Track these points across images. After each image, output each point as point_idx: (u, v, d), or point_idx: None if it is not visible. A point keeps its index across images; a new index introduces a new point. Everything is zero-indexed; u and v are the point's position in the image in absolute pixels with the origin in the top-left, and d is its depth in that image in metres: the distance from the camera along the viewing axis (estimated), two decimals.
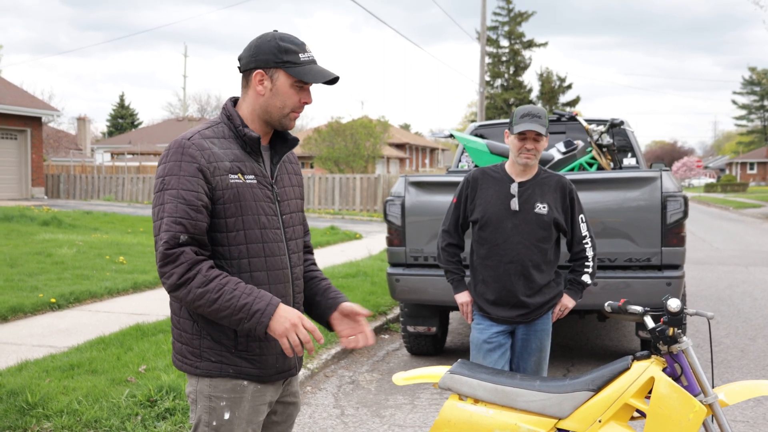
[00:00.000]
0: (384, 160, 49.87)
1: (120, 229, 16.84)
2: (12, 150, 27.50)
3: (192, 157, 2.36)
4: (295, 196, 2.65)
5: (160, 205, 2.36)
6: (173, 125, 57.59)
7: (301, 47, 2.47)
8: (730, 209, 35.32)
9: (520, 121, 3.85)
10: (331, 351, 6.85)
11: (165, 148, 2.45)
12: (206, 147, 2.40)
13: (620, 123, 7.16)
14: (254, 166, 2.48)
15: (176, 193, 2.33)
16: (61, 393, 5.05)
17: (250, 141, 2.46)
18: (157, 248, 2.34)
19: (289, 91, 2.46)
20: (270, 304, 2.32)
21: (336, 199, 26.90)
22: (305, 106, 2.52)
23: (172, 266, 2.30)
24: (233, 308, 2.30)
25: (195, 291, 2.29)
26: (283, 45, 2.44)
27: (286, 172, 2.63)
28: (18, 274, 9.73)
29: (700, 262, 14.22)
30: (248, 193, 2.43)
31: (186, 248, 2.31)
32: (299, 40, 2.50)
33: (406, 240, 6.35)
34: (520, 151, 3.89)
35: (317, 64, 2.50)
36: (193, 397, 2.50)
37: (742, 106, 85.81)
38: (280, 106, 2.47)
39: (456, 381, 3.32)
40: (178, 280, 2.30)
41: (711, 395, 3.07)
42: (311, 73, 2.45)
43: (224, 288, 2.30)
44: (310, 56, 2.48)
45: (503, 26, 53.88)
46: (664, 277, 5.78)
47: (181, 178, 2.34)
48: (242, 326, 2.32)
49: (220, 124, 2.50)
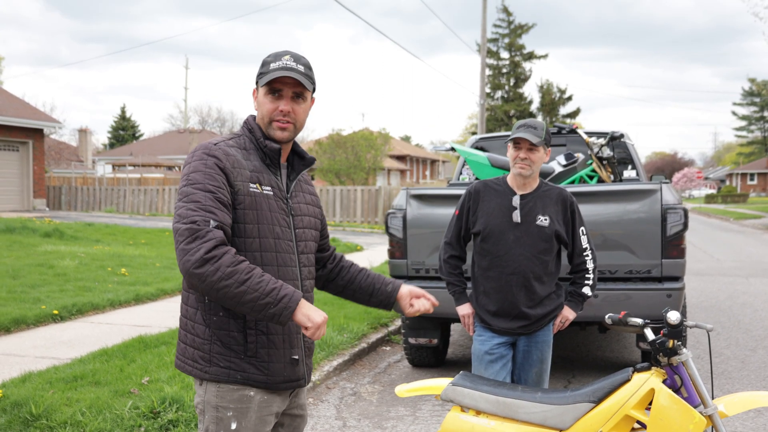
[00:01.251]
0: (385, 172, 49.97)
1: (122, 240, 16.87)
2: (14, 162, 27.57)
3: (217, 158, 2.43)
4: (309, 214, 2.72)
5: (185, 197, 2.38)
6: (174, 137, 57.73)
7: (278, 57, 2.54)
8: (731, 220, 35.33)
9: (516, 131, 3.93)
10: (333, 363, 6.87)
11: (189, 153, 2.51)
12: (231, 153, 2.48)
13: (620, 136, 7.21)
14: (271, 179, 2.55)
15: (203, 187, 2.38)
16: (65, 404, 5.07)
17: (270, 152, 2.55)
18: (178, 230, 2.32)
19: (263, 101, 2.56)
20: (296, 292, 2.36)
21: (337, 211, 26.94)
22: (284, 114, 2.54)
23: (200, 241, 2.29)
24: (262, 292, 2.30)
25: (224, 269, 2.27)
26: (265, 59, 2.56)
27: (301, 191, 2.72)
28: (20, 286, 9.75)
29: (701, 273, 14.24)
30: (265, 203, 2.50)
31: (216, 231, 2.33)
32: (285, 52, 2.56)
33: (407, 252, 6.38)
34: (515, 161, 3.95)
35: (287, 70, 2.51)
36: (201, 407, 2.53)
37: (742, 117, 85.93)
38: (261, 116, 2.59)
39: (458, 393, 3.35)
40: (205, 254, 2.27)
41: (711, 406, 3.10)
42: (268, 76, 2.51)
43: (254, 271, 2.32)
44: (282, 64, 2.52)
45: (503, 38, 54.04)
46: (664, 289, 5.81)
47: (206, 174, 2.40)
48: (266, 311, 2.31)
49: (241, 137, 2.60)
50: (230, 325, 2.47)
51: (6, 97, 29.08)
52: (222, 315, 2.47)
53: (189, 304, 2.54)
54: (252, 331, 2.47)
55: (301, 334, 2.61)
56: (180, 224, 2.33)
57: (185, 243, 2.29)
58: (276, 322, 2.36)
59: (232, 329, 2.46)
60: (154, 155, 51.17)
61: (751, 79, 79.61)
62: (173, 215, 2.41)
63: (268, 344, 2.50)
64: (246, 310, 2.33)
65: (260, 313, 2.33)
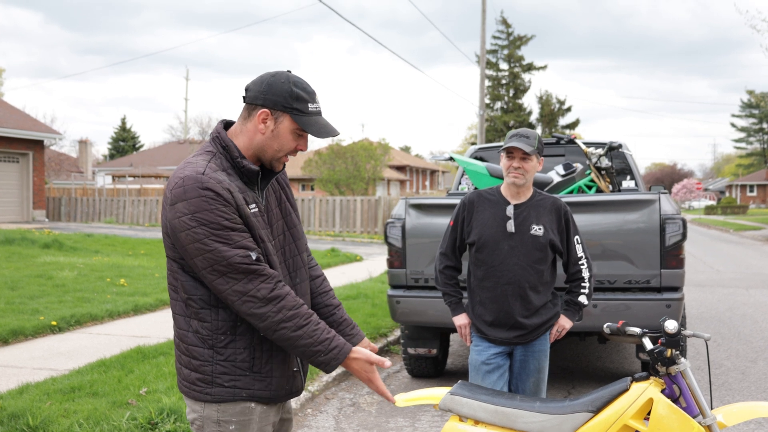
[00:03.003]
0: (384, 183, 50.01)
1: (121, 251, 16.86)
2: (14, 173, 27.59)
3: (215, 192, 2.33)
4: (283, 215, 2.64)
5: (201, 239, 2.32)
6: (174, 148, 57.81)
7: (312, 96, 2.47)
8: (731, 231, 35.33)
9: (509, 141, 3.94)
10: (332, 373, 6.85)
11: (176, 186, 2.37)
12: (222, 179, 2.38)
13: (619, 146, 7.21)
14: (254, 196, 2.50)
15: (218, 225, 2.32)
16: (62, 416, 5.05)
17: (248, 173, 2.47)
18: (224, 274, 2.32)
19: (288, 137, 2.47)
20: (346, 345, 2.44)
21: (337, 222, 26.94)
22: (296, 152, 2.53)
23: (258, 280, 2.33)
24: (316, 339, 2.38)
25: (286, 312, 2.34)
26: (296, 91, 2.43)
27: (270, 193, 2.63)
28: (19, 297, 9.74)
29: (701, 285, 14.23)
30: (254, 223, 2.45)
31: (263, 265, 2.36)
32: (311, 88, 2.50)
33: (406, 262, 6.38)
34: (508, 170, 3.95)
35: (322, 117, 2.52)
36: (199, 423, 2.48)
37: (741, 129, 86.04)
38: (276, 148, 2.48)
39: (456, 402, 3.34)
40: (269, 293, 2.33)
41: (709, 416, 3.09)
42: (317, 126, 2.47)
43: (311, 318, 2.40)
44: (317, 107, 2.49)
45: (503, 49, 54.18)
46: (663, 299, 5.80)
47: (213, 212, 2.32)
48: (315, 358, 2.40)
49: (217, 155, 2.46)
50: (237, 344, 2.44)
51: (6, 108, 29.13)
52: (229, 334, 2.43)
53: (181, 326, 2.48)
54: (258, 347, 2.46)
55: None
56: (220, 266, 2.31)
57: (242, 284, 2.33)
58: (321, 369, 2.44)
59: (239, 347, 2.44)
60: (154, 166, 51.23)
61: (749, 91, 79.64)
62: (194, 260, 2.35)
63: (271, 359, 2.48)
64: (295, 351, 2.42)
65: (309, 358, 2.42)
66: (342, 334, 2.75)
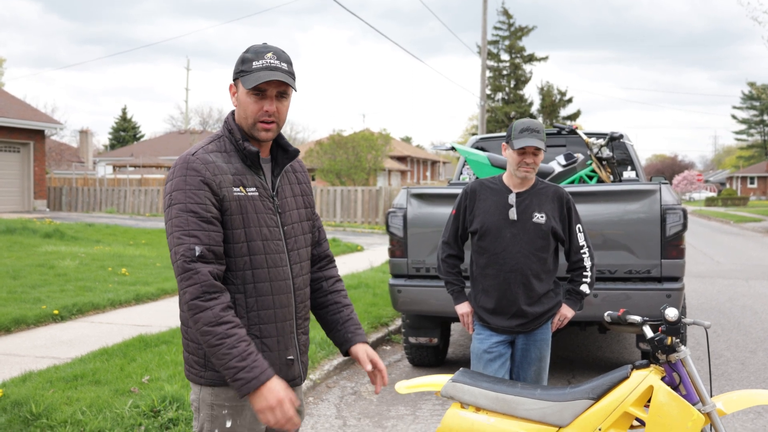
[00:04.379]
0: (385, 173, 49.99)
1: (122, 241, 16.88)
2: (15, 163, 27.60)
3: (197, 171, 2.39)
4: (297, 206, 2.66)
5: (169, 220, 2.39)
6: (175, 138, 57.75)
7: (259, 55, 2.45)
8: (731, 223, 35.33)
9: (520, 136, 3.91)
10: (333, 362, 6.88)
11: (172, 165, 2.48)
12: (210, 161, 2.43)
13: (620, 136, 7.22)
14: (255, 179, 2.51)
15: (184, 207, 2.36)
16: (65, 403, 5.08)
17: (250, 155, 2.49)
18: (173, 262, 2.37)
19: (247, 100, 2.47)
20: (256, 379, 2.30)
21: (338, 212, 26.95)
22: (269, 115, 2.47)
23: (186, 283, 2.33)
24: (223, 365, 2.31)
25: (201, 327, 2.31)
26: (245, 55, 2.47)
27: (288, 183, 2.65)
28: (21, 286, 9.77)
29: (701, 276, 14.25)
30: (250, 206, 2.46)
31: (201, 266, 2.33)
32: (266, 48, 2.48)
33: (408, 251, 6.40)
34: (519, 165, 3.95)
35: (271, 70, 2.44)
36: (196, 405, 2.53)
37: (742, 121, 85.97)
38: (243, 116, 2.50)
39: (458, 389, 3.37)
40: (191, 300, 2.32)
41: (709, 404, 3.11)
42: (254, 77, 2.43)
43: (225, 341, 2.30)
44: (265, 63, 2.44)
45: (504, 40, 54.05)
46: (663, 289, 5.82)
47: (187, 192, 2.37)
48: (233, 382, 2.33)
49: (222, 138, 2.53)
50: None
51: (7, 98, 29.12)
52: None
53: (183, 309, 2.51)
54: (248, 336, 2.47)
55: (295, 335, 2.60)
56: (174, 255, 2.37)
57: (178, 280, 2.37)
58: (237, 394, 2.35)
59: None
60: (154, 156, 51.19)
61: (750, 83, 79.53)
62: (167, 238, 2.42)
63: (262, 348, 2.49)
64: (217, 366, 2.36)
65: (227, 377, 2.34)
66: (345, 332, 2.75)
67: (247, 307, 2.47)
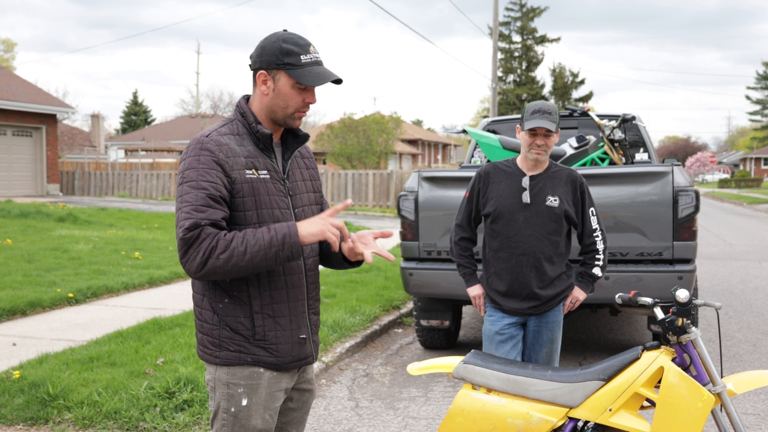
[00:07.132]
0: (396, 156, 49.93)
1: (135, 225, 16.98)
2: (27, 147, 27.75)
3: (210, 152, 2.43)
4: (307, 190, 2.72)
5: (180, 197, 2.42)
6: (186, 122, 57.84)
7: (304, 48, 2.49)
8: (744, 205, 35.15)
9: (531, 118, 3.91)
10: (346, 344, 6.93)
11: (185, 146, 2.51)
12: (224, 143, 2.47)
13: (632, 118, 7.19)
14: (267, 162, 2.55)
15: (196, 184, 2.39)
16: (81, 385, 5.15)
17: (263, 138, 2.54)
18: (177, 235, 2.39)
19: (290, 92, 2.50)
20: (290, 226, 2.39)
21: (349, 195, 26.98)
22: (310, 105, 2.56)
23: (195, 247, 2.34)
24: (263, 246, 2.35)
25: (221, 256, 2.32)
26: (285, 47, 2.47)
27: (297, 167, 2.70)
28: (36, 270, 9.86)
29: (714, 257, 14.21)
30: (262, 188, 2.50)
31: (205, 227, 2.36)
32: (304, 40, 2.52)
33: (419, 234, 6.42)
34: (530, 147, 3.95)
35: (320, 66, 2.52)
36: (212, 384, 2.58)
37: (756, 101, 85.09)
38: (283, 106, 2.53)
39: (469, 371, 3.39)
40: (203, 255, 2.32)
41: (719, 385, 3.12)
42: (311, 75, 2.48)
43: (245, 237, 2.36)
44: (312, 57, 2.50)
45: (515, 21, 53.75)
46: (675, 271, 5.82)
47: (199, 170, 2.41)
48: (281, 257, 2.37)
49: (234, 122, 2.57)
50: (237, 311, 2.51)
51: (19, 83, 29.21)
52: (227, 302, 2.51)
53: (196, 290, 2.59)
54: (259, 316, 2.51)
55: (307, 314, 2.65)
56: (177, 229, 2.39)
57: (181, 255, 2.37)
58: (294, 259, 2.43)
59: (239, 315, 2.51)
60: (166, 140, 51.33)
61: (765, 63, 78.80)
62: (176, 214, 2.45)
63: (275, 327, 2.54)
64: (266, 268, 2.40)
65: (278, 263, 2.40)
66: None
67: (260, 287, 2.51)
